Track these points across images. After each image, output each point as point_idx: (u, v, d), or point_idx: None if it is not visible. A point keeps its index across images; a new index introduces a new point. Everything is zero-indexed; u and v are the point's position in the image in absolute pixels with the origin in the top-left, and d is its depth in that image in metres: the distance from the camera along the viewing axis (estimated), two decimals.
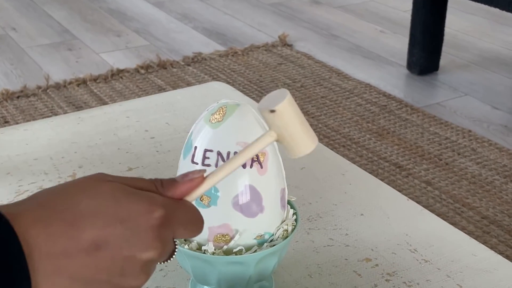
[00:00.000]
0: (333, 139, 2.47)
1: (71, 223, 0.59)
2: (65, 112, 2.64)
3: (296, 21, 3.75)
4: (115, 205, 0.60)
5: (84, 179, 0.63)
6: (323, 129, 2.53)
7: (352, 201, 1.23)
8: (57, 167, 1.36)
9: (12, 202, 1.22)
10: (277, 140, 0.65)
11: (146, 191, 0.63)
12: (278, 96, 0.64)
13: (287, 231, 0.94)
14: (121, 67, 3.11)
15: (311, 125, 2.27)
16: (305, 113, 2.65)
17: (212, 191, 0.88)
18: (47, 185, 1.29)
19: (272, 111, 0.62)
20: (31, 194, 1.24)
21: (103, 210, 0.60)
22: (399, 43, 3.38)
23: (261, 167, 0.89)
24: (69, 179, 1.31)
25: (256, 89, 2.88)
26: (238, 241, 0.90)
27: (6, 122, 2.58)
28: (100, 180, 0.62)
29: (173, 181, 0.65)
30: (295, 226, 0.95)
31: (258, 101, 2.66)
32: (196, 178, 0.65)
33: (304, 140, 0.65)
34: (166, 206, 0.62)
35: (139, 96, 2.78)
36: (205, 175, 0.65)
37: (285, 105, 0.63)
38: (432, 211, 1.87)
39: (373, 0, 4.03)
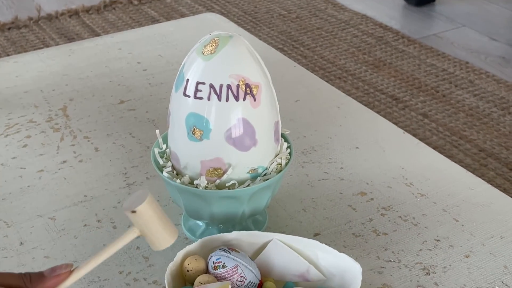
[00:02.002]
0: (329, 71, 2.44)
1: None
2: (57, 44, 2.60)
3: None
4: None
5: None
6: (318, 61, 2.51)
7: (347, 134, 1.22)
8: (47, 100, 1.34)
9: (2, 135, 1.21)
10: (140, 235, 0.71)
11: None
12: (139, 196, 0.70)
13: (281, 164, 0.93)
14: None
15: (305, 56, 2.23)
16: (301, 44, 2.62)
17: (204, 124, 0.87)
18: (37, 118, 1.27)
19: (133, 211, 0.69)
20: (21, 127, 1.23)
21: None
22: None
23: (254, 99, 0.87)
24: (60, 112, 1.29)
25: (251, 20, 2.84)
26: (231, 175, 0.89)
27: None
28: None
29: (41, 276, 0.67)
30: (289, 159, 0.94)
31: (253, 33, 2.63)
32: (62, 274, 0.67)
33: (163, 235, 0.71)
34: None
35: (132, 28, 2.74)
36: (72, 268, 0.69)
37: (145, 207, 0.69)
38: (429, 144, 1.86)
39: None
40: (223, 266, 0.81)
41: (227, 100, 0.86)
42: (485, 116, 2.16)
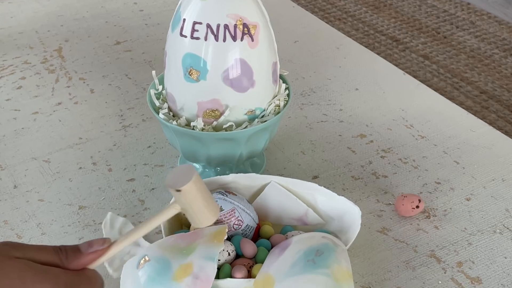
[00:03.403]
0: (328, 12, 2.41)
1: None
2: None
3: None
4: (21, 286, 0.60)
5: None
6: (318, 2, 2.47)
7: (347, 75, 1.20)
8: (42, 41, 1.31)
9: None
10: (181, 212, 0.68)
11: (51, 264, 0.62)
12: (185, 173, 0.67)
13: (279, 106, 0.91)
14: None
15: None
16: None
17: (201, 65, 0.85)
18: (32, 59, 1.25)
19: (178, 190, 0.65)
20: (15, 69, 1.21)
21: None
22: None
23: (252, 40, 0.85)
24: (55, 53, 1.27)
25: None
26: (228, 117, 0.87)
27: None
28: (5, 257, 0.61)
29: (77, 252, 0.64)
30: (287, 101, 0.92)
31: None
32: (100, 250, 0.65)
33: (206, 214, 0.68)
34: (68, 283, 0.62)
35: None
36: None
37: (191, 186, 0.65)
38: (430, 86, 1.84)
39: None
40: (220, 210, 0.79)
41: (224, 40, 0.84)
42: (487, 57, 2.14)
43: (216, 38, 0.84)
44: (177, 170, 0.68)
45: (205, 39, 0.84)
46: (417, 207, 0.88)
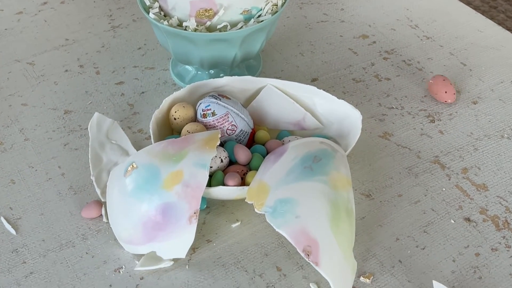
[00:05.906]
0: None
1: None
2: None
3: None
4: None
5: None
6: None
7: None
8: None
9: None
10: None
11: None
12: None
13: (277, 5, 0.87)
14: None
15: None
16: None
17: None
18: None
19: None
20: None
21: None
22: None
23: None
24: None
25: None
26: (223, 17, 0.83)
27: None
28: None
29: None
30: (285, 0, 0.88)
31: None
32: None
33: None
34: None
35: None
36: None
37: None
38: None
39: None
40: (213, 114, 0.76)
41: None
42: None
43: None
44: None
45: None
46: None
